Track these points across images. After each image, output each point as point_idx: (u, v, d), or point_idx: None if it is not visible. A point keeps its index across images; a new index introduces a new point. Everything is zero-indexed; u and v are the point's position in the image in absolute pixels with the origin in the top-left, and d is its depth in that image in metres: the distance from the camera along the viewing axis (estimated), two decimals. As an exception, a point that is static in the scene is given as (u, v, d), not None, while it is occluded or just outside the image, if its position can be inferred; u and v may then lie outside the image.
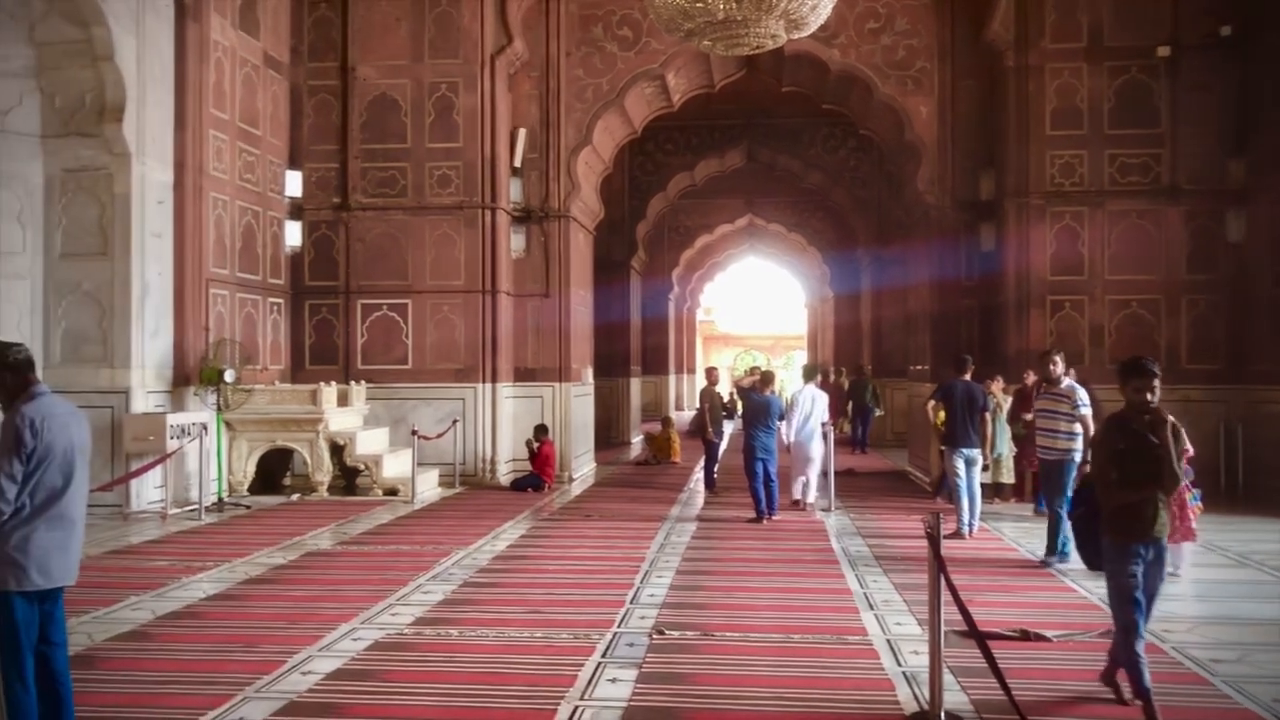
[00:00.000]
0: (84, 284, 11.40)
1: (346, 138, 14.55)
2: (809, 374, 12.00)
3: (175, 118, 12.00)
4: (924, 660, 5.24)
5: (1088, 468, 9.06)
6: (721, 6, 8.54)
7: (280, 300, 14.34)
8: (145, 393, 11.50)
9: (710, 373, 15.11)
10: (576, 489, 14.21)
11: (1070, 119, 13.79)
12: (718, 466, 14.22)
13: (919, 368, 16.02)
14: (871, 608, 7.05)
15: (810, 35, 10.28)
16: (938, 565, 4.76)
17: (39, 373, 4.18)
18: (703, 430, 14.18)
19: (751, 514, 11.19)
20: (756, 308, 53.71)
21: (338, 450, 12.97)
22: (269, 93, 13.98)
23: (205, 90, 12.34)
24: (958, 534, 9.83)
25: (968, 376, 10.57)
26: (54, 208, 11.44)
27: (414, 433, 12.97)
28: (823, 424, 12.41)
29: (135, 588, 7.52)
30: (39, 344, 11.09)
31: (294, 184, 14.39)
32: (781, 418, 12.02)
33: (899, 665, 5.64)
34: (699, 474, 15.47)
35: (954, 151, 14.72)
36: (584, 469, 15.99)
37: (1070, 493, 8.44)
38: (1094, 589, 7.49)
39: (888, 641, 6.14)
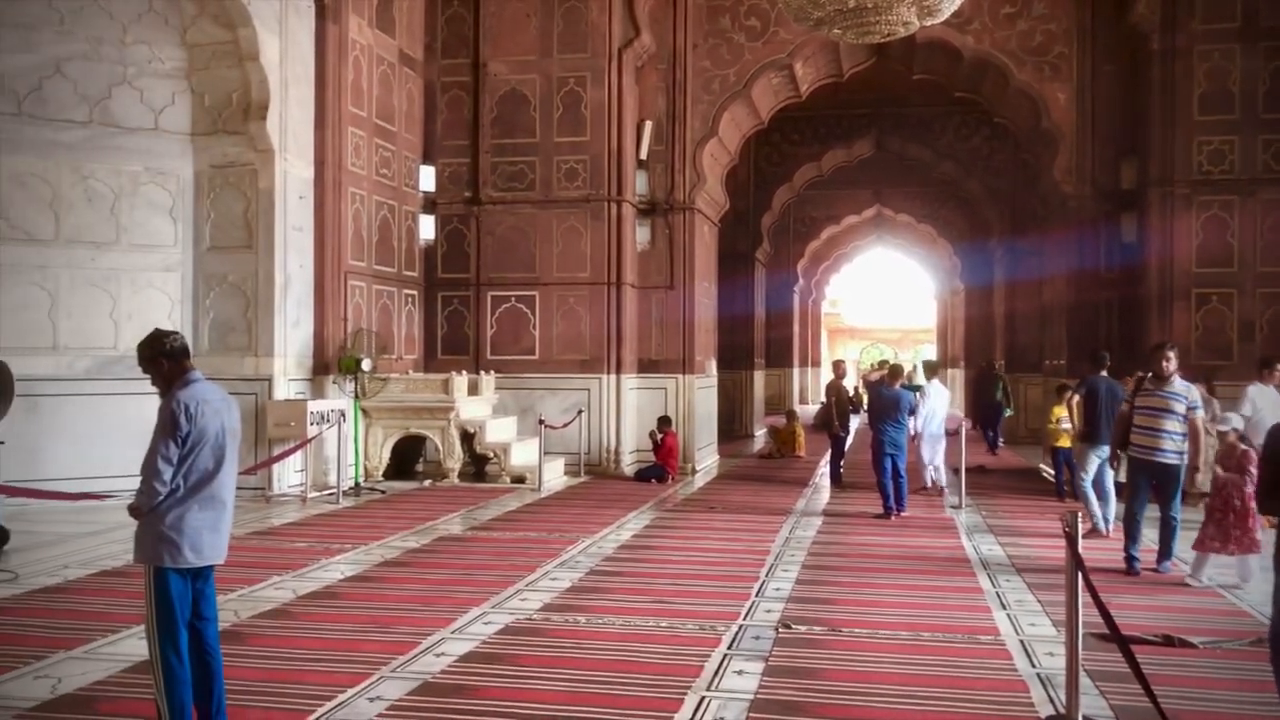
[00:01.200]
0: (230, 276, 11.92)
1: (477, 133, 14.84)
2: (930, 370, 11.80)
3: (315, 115, 12.42)
4: (1060, 663, 5.10)
5: (1198, 475, 8.63)
6: (853, -6, 8.42)
7: (414, 292, 14.73)
8: (287, 380, 11.96)
9: (837, 366, 14.95)
10: (700, 481, 14.24)
11: (1220, 103, 13.17)
12: (844, 461, 14.05)
13: (1055, 362, 15.53)
14: (1004, 607, 6.88)
15: (943, 22, 10.06)
16: (1075, 565, 4.61)
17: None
18: (829, 424, 14.04)
19: (879, 510, 11.03)
20: (883, 300, 52.85)
21: (468, 438, 13.27)
22: (404, 90, 14.35)
23: (344, 88, 12.74)
24: (1094, 532, 9.50)
25: (1104, 373, 10.26)
26: (203, 203, 11.99)
27: (541, 422, 13.17)
28: (950, 418, 12.31)
29: (278, 568, 7.83)
30: (188, 333, 11.63)
31: (427, 179, 14.76)
32: (912, 412, 11.84)
33: (1033, 667, 5.50)
34: (824, 468, 15.32)
35: (1093, 139, 14.22)
36: (707, 461, 16.00)
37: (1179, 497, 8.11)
38: (1242, 596, 7.16)
39: (1021, 642, 5.98)
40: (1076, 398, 10.71)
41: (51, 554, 8.41)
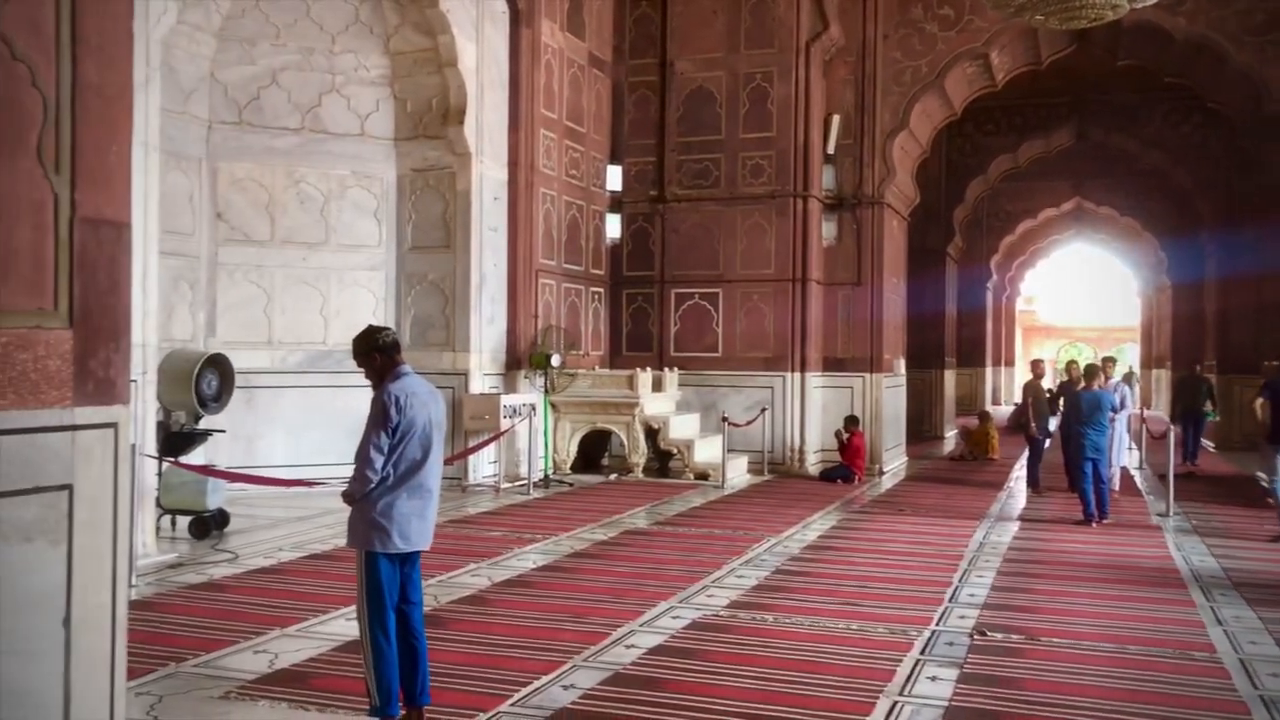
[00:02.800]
0: (430, 274, 12.43)
1: (664, 131, 14.97)
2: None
3: (509, 118, 12.80)
4: (1287, 686, 4.75)
5: None
6: (1056, -22, 8.07)
7: (600, 289, 14.99)
8: (482, 375, 12.38)
9: (1035, 365, 14.36)
10: (887, 482, 13.94)
11: None
12: (1042, 465, 13.49)
13: (1272, 363, 14.47)
14: (1219, 623, 6.45)
15: (1153, 4, 9.52)
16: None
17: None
18: (1025, 426, 13.50)
19: (1079, 516, 10.54)
20: (1082, 298, 50.49)
21: (652, 434, 13.41)
22: (593, 91, 14.61)
23: (536, 91, 13.08)
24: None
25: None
26: (404, 204, 12.54)
27: (724, 419, 13.18)
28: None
29: (474, 555, 8.11)
30: (391, 329, 12.18)
31: (614, 178, 14.99)
32: (1114, 412, 11.29)
33: (1255, 688, 5.14)
34: (1019, 471, 14.76)
35: (1322, 123, 13.18)
36: (895, 462, 15.65)
37: None
38: None
39: (1241, 661, 5.60)
40: (1260, 400, 10.06)
41: (267, 536, 8.96)
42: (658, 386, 13.76)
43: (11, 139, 2.91)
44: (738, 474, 13.49)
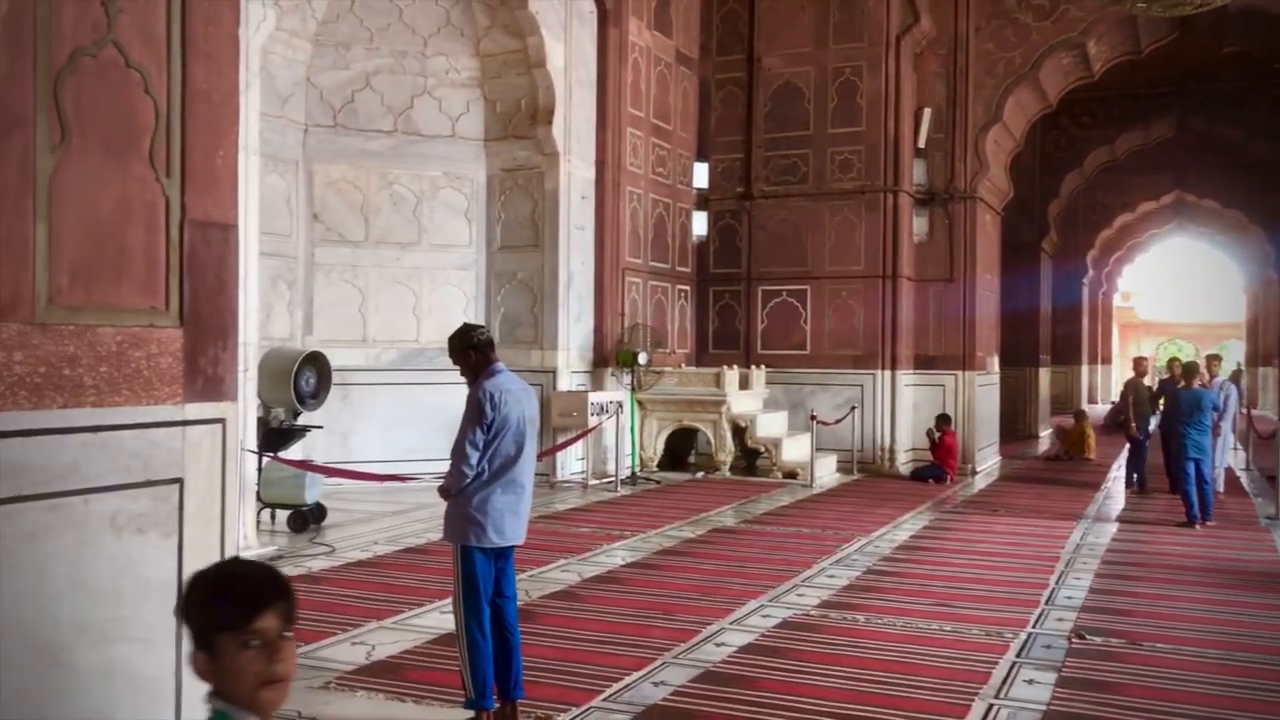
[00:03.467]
0: (519, 273, 12.56)
1: (751, 128, 14.89)
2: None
3: (597, 117, 12.87)
4: None
5: None
6: (1159, -36, 7.83)
7: (686, 287, 14.98)
8: (569, 372, 12.47)
9: (1138, 363, 13.96)
10: (980, 482, 13.69)
11: None
12: (1144, 465, 13.12)
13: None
14: (1335, 632, 6.21)
15: (1263, -13, 9.17)
16: None
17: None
18: (1126, 425, 13.13)
19: (1182, 517, 10.22)
20: (1182, 293, 48.87)
21: (739, 432, 13.36)
22: (679, 88, 14.61)
23: (623, 90, 13.12)
24: None
25: None
26: (494, 204, 12.69)
27: (812, 417, 13.07)
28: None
29: (564, 551, 8.18)
30: (481, 327, 12.36)
31: (701, 175, 14.96)
32: (1217, 411, 10.94)
33: (1374, 700, 4.93)
34: (1116, 471, 14.39)
35: None
36: (988, 462, 15.36)
37: None
38: None
39: (1358, 671, 5.39)
40: None
41: (362, 530, 9.15)
42: (744, 384, 13.70)
43: (126, 144, 3.03)
44: (826, 473, 13.37)
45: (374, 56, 12.14)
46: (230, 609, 1.76)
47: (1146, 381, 13.80)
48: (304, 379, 9.23)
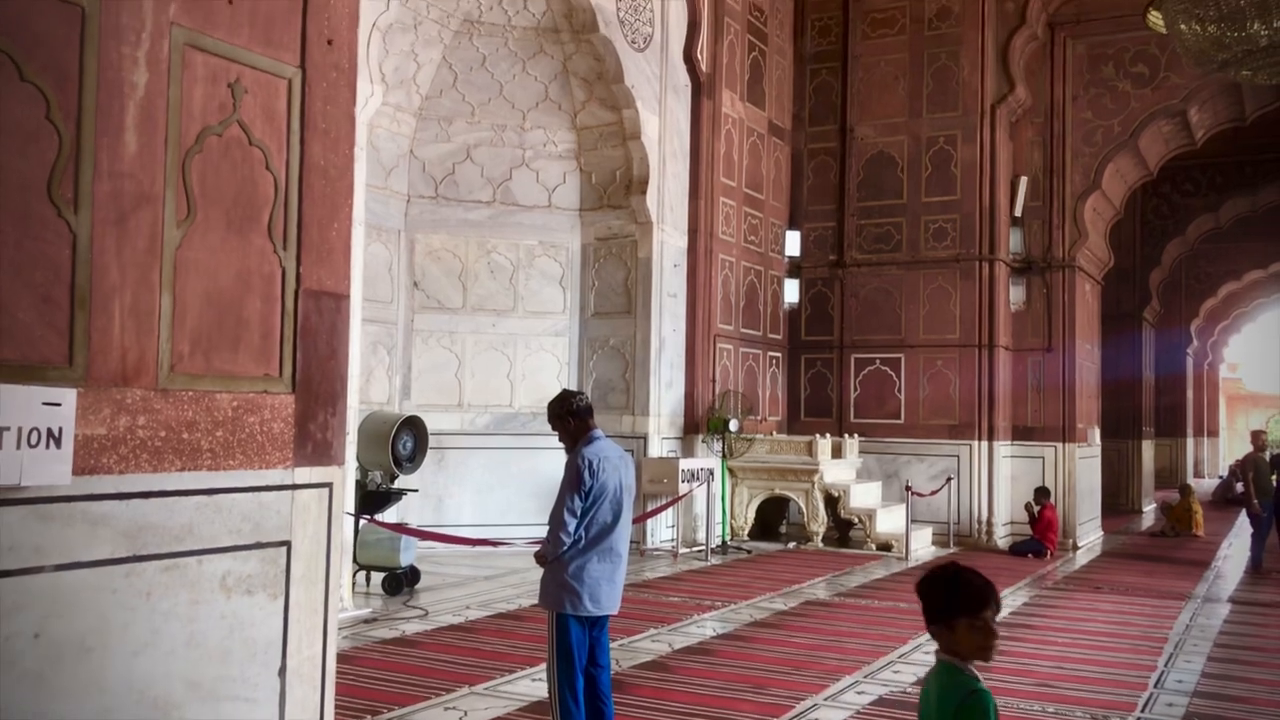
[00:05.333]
0: (611, 339, 12.68)
1: (844, 197, 14.91)
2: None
3: (690, 187, 13.02)
4: None
5: None
6: (1265, 33, 7.69)
7: (778, 354, 14.94)
8: (660, 439, 12.48)
9: (1256, 436, 13.50)
10: (1082, 558, 13.26)
11: None
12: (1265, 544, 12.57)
13: None
14: None
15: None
16: None
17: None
18: (1247, 501, 12.63)
19: (1299, 600, 9.76)
20: (1293, 365, 46.98)
21: (831, 502, 13.18)
22: (772, 158, 14.72)
23: (716, 160, 13.27)
24: None
25: None
26: (588, 272, 12.87)
27: (907, 488, 12.84)
28: None
29: (654, 620, 8.13)
30: (573, 393, 12.49)
31: (793, 243, 14.99)
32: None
33: None
34: (1225, 549, 13.81)
35: None
36: (1090, 537, 14.87)
37: None
38: None
39: None
40: None
41: (455, 594, 9.22)
42: (837, 453, 13.54)
43: (247, 218, 3.17)
44: (922, 546, 13.08)
45: (475, 130, 12.49)
46: (971, 600, 2.61)
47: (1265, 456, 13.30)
48: (401, 442, 9.40)
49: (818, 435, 13.28)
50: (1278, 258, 24.32)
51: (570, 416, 4.54)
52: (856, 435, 14.23)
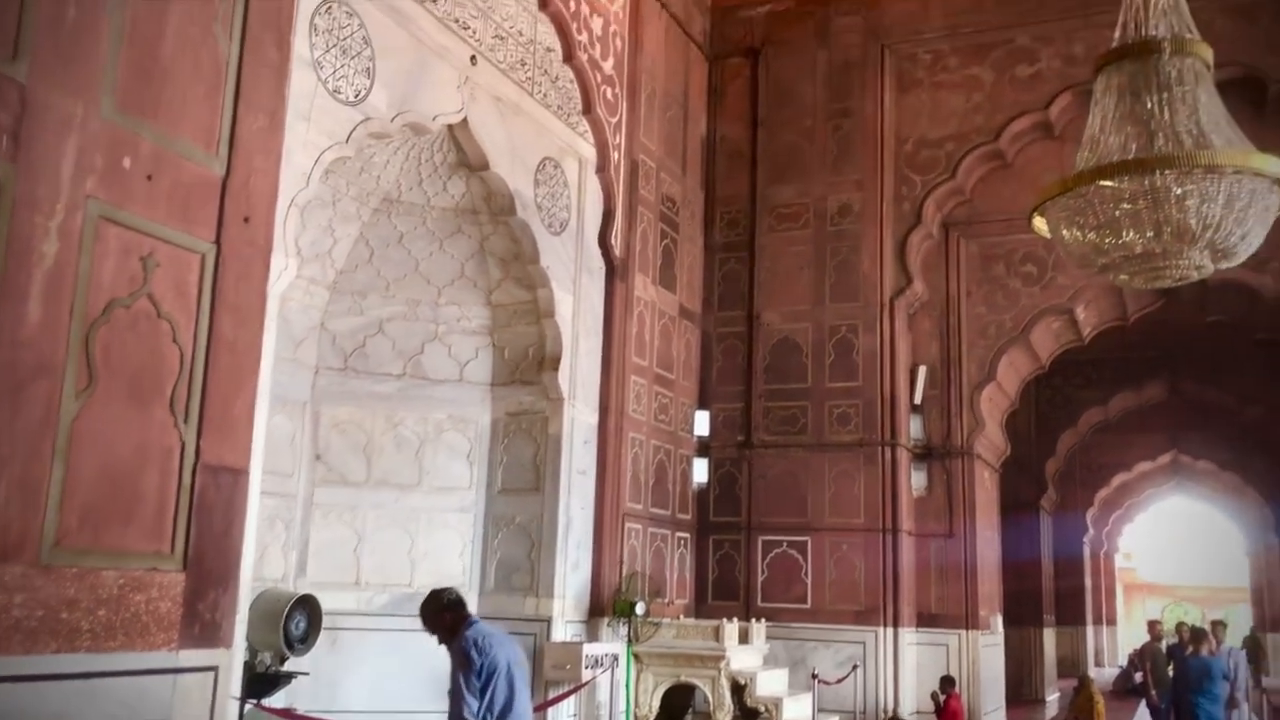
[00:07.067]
0: (517, 517, 12.51)
1: (751, 379, 15.23)
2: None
3: (602, 365, 13.18)
4: None
5: None
6: (1140, 242, 8.23)
7: (686, 535, 14.89)
8: (564, 622, 12.19)
9: (1152, 626, 13.77)
10: (988, 748, 13.13)
11: None
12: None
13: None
14: None
15: (1239, 264, 9.61)
16: None
17: (475, 600, 4.65)
18: (1145, 692, 12.76)
19: (1200, 794, 9.76)
20: (1185, 554, 48.33)
21: (738, 689, 12.89)
22: (682, 340, 15.05)
23: (628, 340, 13.52)
24: None
25: None
26: (497, 447, 12.80)
27: (814, 676, 12.69)
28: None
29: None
30: (475, 572, 12.22)
31: (702, 424, 15.18)
32: (1227, 679, 10.65)
33: None
34: (1129, 741, 13.80)
35: None
36: (995, 726, 14.78)
37: None
38: None
39: None
40: None
41: (342, 786, 8.71)
42: (744, 638, 13.35)
43: (150, 390, 3.13)
44: (828, 735, 12.84)
45: (389, 304, 12.56)
46: None
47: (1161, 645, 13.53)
48: (294, 622, 9.03)
49: (725, 620, 13.10)
50: (1166, 450, 25.35)
51: (445, 611, 4.56)
52: (764, 620, 14.08)
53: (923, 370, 14.92)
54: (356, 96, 9.40)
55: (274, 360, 8.86)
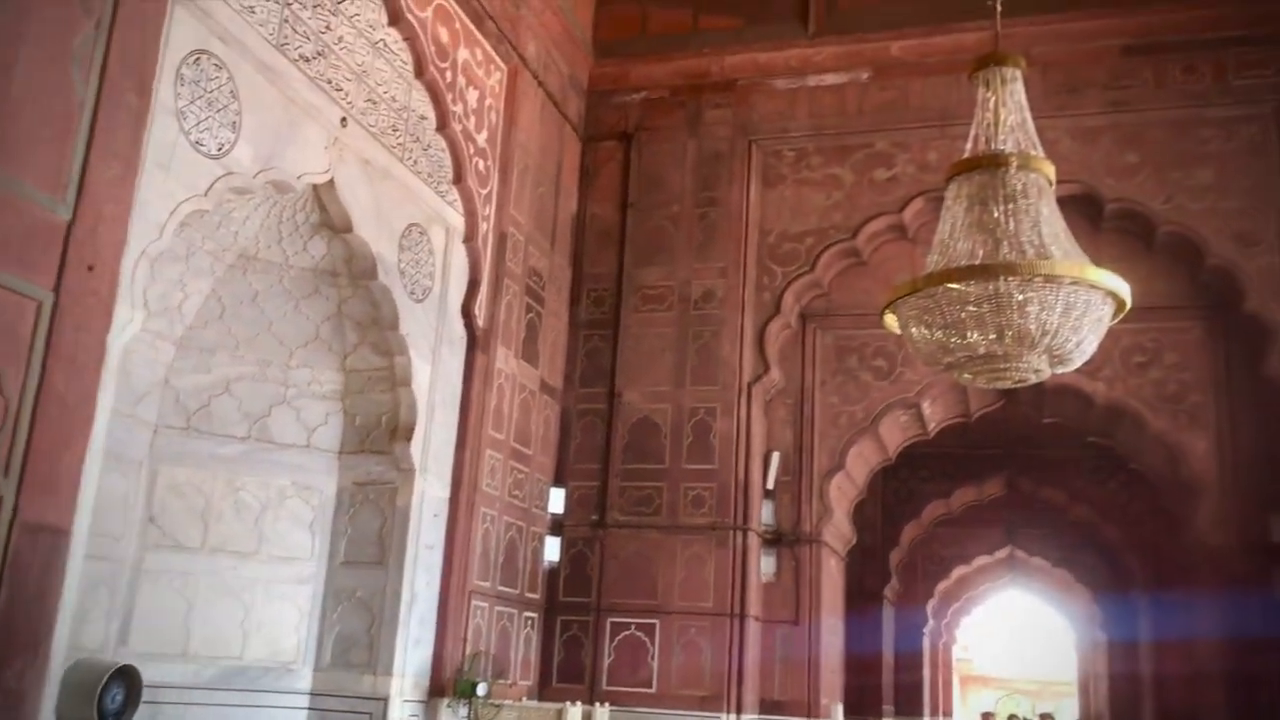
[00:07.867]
0: (359, 591, 12.08)
1: (609, 458, 15.20)
2: None
3: (457, 438, 12.97)
4: None
5: None
6: (983, 343, 8.62)
7: (534, 614, 14.64)
8: (402, 701, 11.76)
9: (986, 719, 14.05)
10: (825, 838, 13.15)
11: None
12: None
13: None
14: None
15: (1073, 370, 10.15)
16: None
17: (309, 677, 4.41)
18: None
19: None
20: (1019, 648, 49.94)
21: (579, 774, 12.68)
22: (542, 415, 14.96)
23: (486, 413, 13.36)
24: None
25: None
26: (341, 518, 12.39)
27: (657, 762, 12.55)
28: None
29: None
30: (312, 646, 11.73)
31: (557, 501, 15.05)
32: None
33: None
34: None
35: (1235, 491, 13.73)
36: (833, 816, 14.83)
37: None
38: None
39: None
40: None
41: None
42: (587, 722, 13.15)
43: (-34, 441, 2.92)
44: (667, 823, 12.67)
45: (237, 364, 12.13)
46: None
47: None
48: (111, 695, 8.46)
49: (568, 703, 12.88)
50: (1002, 545, 26.30)
51: None
52: (608, 704, 13.89)
53: (775, 456, 15.18)
54: (220, 150, 9.16)
55: (111, 416, 8.39)
